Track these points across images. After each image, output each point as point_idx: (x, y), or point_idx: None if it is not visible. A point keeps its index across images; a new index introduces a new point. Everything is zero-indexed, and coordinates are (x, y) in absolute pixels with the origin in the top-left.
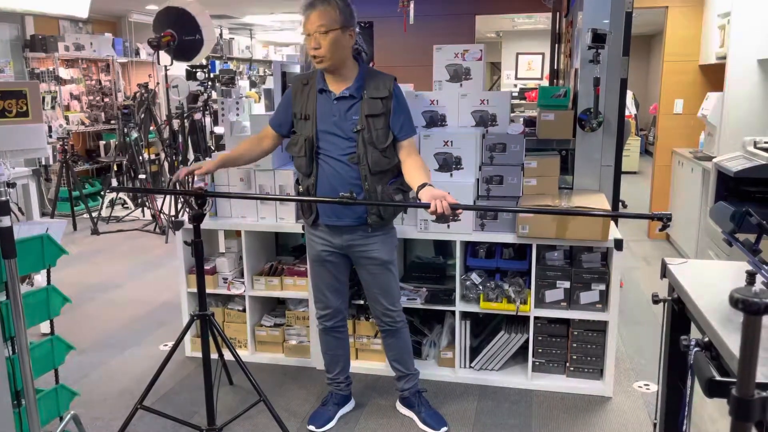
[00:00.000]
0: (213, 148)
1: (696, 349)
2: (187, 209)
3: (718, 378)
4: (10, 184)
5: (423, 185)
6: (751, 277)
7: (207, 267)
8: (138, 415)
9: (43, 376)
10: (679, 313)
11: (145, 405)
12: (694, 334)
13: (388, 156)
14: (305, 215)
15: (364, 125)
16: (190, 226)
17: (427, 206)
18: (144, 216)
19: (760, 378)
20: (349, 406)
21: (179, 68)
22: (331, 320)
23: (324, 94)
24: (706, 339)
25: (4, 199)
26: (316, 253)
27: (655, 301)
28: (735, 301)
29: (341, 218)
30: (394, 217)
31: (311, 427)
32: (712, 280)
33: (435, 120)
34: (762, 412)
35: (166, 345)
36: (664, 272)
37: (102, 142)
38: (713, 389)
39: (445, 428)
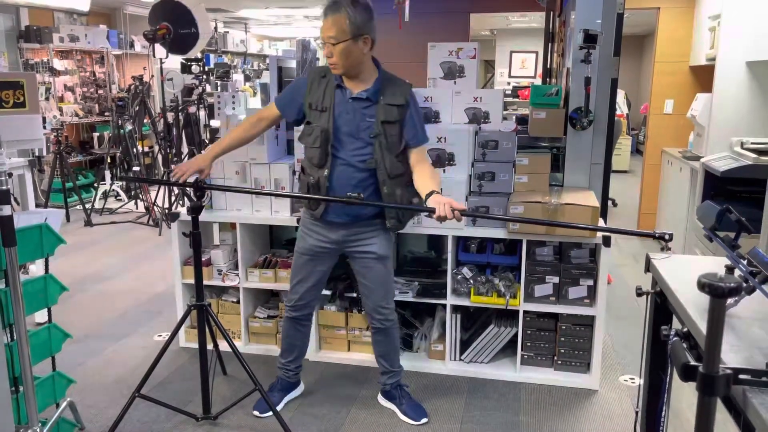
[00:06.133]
0: (207, 142)
1: (675, 338)
2: (181, 202)
3: (692, 363)
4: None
5: (431, 193)
6: (729, 271)
7: (202, 259)
8: (133, 403)
9: (39, 364)
10: (661, 306)
11: (141, 393)
12: (676, 325)
13: (401, 161)
14: (313, 207)
15: (381, 131)
16: (186, 218)
17: (432, 210)
18: (137, 208)
19: (732, 363)
20: (296, 392)
21: (174, 61)
22: (297, 311)
23: (340, 89)
24: (686, 329)
25: (4, 188)
26: (309, 246)
27: (639, 294)
28: (702, 285)
29: (339, 216)
30: (411, 218)
31: (255, 413)
32: (693, 274)
33: (429, 116)
34: (726, 387)
35: (161, 335)
36: (648, 266)
37: (96, 134)
38: (688, 373)
39: (424, 419)
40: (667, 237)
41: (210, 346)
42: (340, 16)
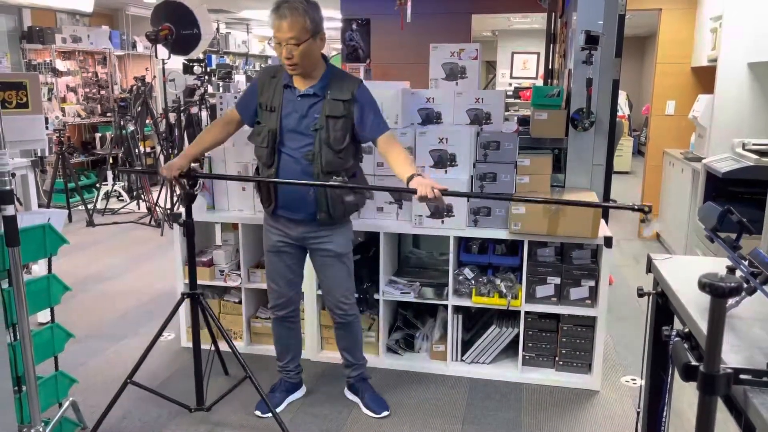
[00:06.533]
0: None
1: (676, 339)
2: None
3: (693, 363)
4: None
5: (412, 176)
6: (731, 272)
7: (204, 259)
8: (132, 398)
9: (42, 364)
10: (663, 306)
11: (135, 381)
12: (677, 326)
13: (342, 157)
14: (265, 204)
15: (323, 125)
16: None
17: (414, 191)
18: (139, 209)
19: (733, 363)
20: (298, 393)
21: (176, 62)
22: (283, 310)
23: (288, 89)
24: (687, 330)
25: (8, 188)
26: (273, 243)
27: (640, 295)
28: (702, 285)
29: (295, 212)
30: (345, 215)
31: (257, 413)
32: (694, 275)
33: (431, 117)
34: (727, 387)
35: (162, 336)
36: (650, 267)
37: (98, 135)
38: (689, 373)
39: (385, 412)
40: (646, 209)
41: (207, 346)
42: (298, 16)
